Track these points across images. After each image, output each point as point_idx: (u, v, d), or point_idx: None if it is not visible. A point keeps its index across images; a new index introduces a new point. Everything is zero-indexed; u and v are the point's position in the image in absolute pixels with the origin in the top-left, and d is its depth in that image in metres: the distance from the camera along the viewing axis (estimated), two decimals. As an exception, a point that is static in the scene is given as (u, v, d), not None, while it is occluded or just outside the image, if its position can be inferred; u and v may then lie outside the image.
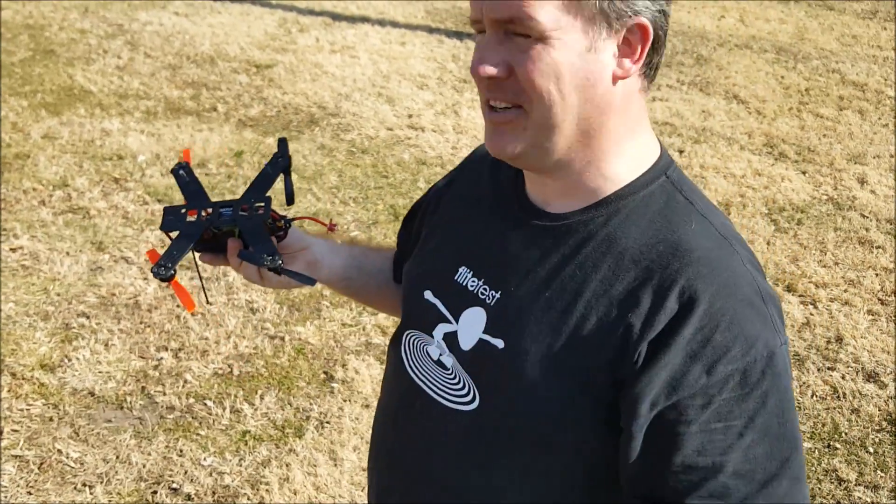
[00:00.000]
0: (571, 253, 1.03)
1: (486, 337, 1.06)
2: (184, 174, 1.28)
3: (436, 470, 1.12)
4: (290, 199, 1.27)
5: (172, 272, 1.13)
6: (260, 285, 1.27)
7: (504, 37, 0.96)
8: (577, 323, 0.99)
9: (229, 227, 1.20)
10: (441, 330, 1.12)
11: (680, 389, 0.94)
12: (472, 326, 1.08)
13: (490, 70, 0.96)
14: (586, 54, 0.95)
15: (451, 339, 1.10)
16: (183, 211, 1.22)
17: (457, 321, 1.11)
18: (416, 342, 1.16)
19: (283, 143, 1.31)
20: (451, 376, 1.10)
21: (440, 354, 1.11)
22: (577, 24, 0.94)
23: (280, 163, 1.28)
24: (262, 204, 1.22)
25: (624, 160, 1.03)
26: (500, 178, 1.18)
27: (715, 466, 0.94)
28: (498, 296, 1.07)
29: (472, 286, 1.10)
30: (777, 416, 0.96)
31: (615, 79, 0.97)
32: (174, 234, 1.22)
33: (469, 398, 1.08)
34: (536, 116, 0.97)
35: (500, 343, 1.04)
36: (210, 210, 1.21)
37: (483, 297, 1.08)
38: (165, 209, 1.23)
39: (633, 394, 0.95)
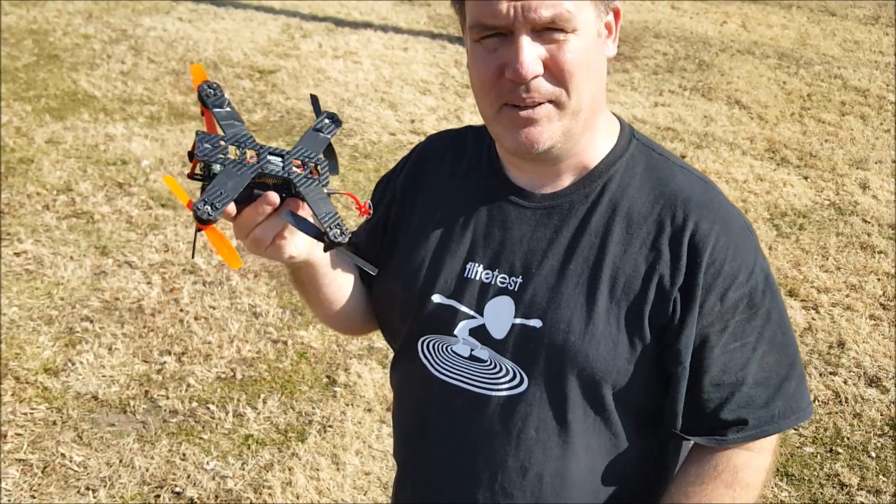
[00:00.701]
0: (581, 224, 1.11)
1: (521, 321, 1.10)
2: (212, 93, 1.03)
3: (508, 457, 1.13)
4: (335, 168, 1.07)
5: (217, 215, 0.93)
6: (281, 261, 1.08)
7: (534, 35, 1.01)
8: (609, 285, 1.08)
9: (288, 180, 0.98)
10: (465, 327, 1.13)
11: (701, 320, 1.06)
12: (500, 315, 1.11)
13: (536, 69, 1.01)
14: (597, 38, 1.06)
15: (480, 333, 1.12)
16: (222, 143, 0.99)
17: (481, 314, 1.12)
18: (437, 346, 1.16)
19: (316, 100, 1.12)
20: (491, 367, 1.12)
21: (472, 350, 1.13)
22: (591, 10, 1.04)
23: (330, 125, 1.08)
24: (322, 163, 1.02)
25: (602, 133, 1.15)
26: (477, 171, 1.22)
27: (738, 380, 1.09)
28: (521, 280, 1.11)
29: (487, 278, 1.13)
30: (780, 327, 1.11)
31: (607, 59, 1.10)
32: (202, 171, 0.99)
33: (516, 382, 1.11)
34: (571, 104, 1.05)
35: (537, 323, 1.09)
36: (256, 153, 0.99)
37: (504, 284, 1.12)
38: (199, 133, 0.99)
39: (679, 339, 1.07)
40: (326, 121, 1.08)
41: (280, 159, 0.99)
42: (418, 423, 1.22)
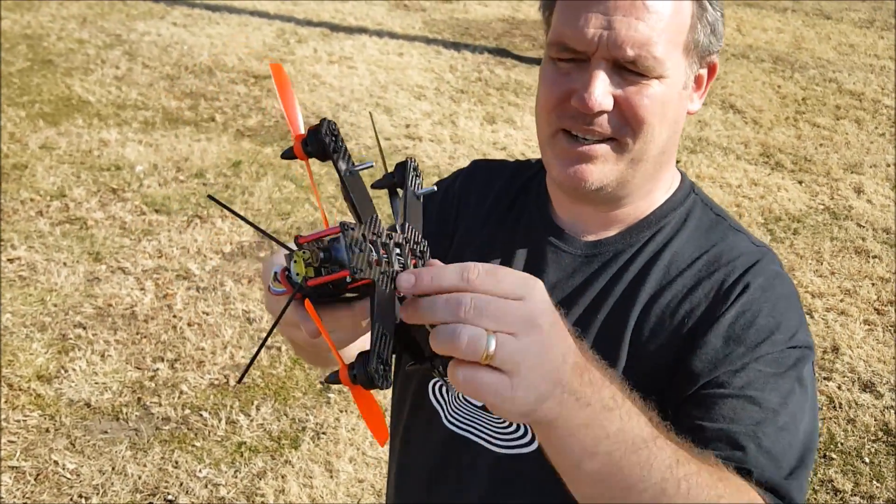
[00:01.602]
0: (618, 273, 1.05)
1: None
2: (334, 140, 0.75)
3: None
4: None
5: (390, 378, 0.68)
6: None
7: (612, 70, 0.96)
8: (633, 337, 1.01)
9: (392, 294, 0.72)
10: None
11: (720, 365, 0.96)
12: None
13: (605, 104, 0.95)
14: (682, 91, 1.01)
15: None
16: (360, 235, 0.70)
17: None
18: (450, 391, 1.10)
19: (405, 164, 0.87)
20: (501, 420, 1.05)
21: None
22: (681, 60, 0.98)
23: (417, 178, 0.85)
24: (426, 250, 0.79)
25: (662, 185, 1.09)
26: (525, 207, 1.15)
27: (748, 437, 0.93)
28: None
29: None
30: (799, 411, 0.96)
31: (687, 112, 1.04)
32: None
33: (527, 440, 1.05)
34: (633, 151, 0.99)
35: None
36: (385, 243, 0.73)
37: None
38: (344, 229, 0.69)
39: (684, 375, 0.98)
40: (413, 174, 0.85)
41: (400, 256, 0.75)
42: (426, 472, 1.15)
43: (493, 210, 1.17)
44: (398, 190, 0.84)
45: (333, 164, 0.75)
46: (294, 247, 0.72)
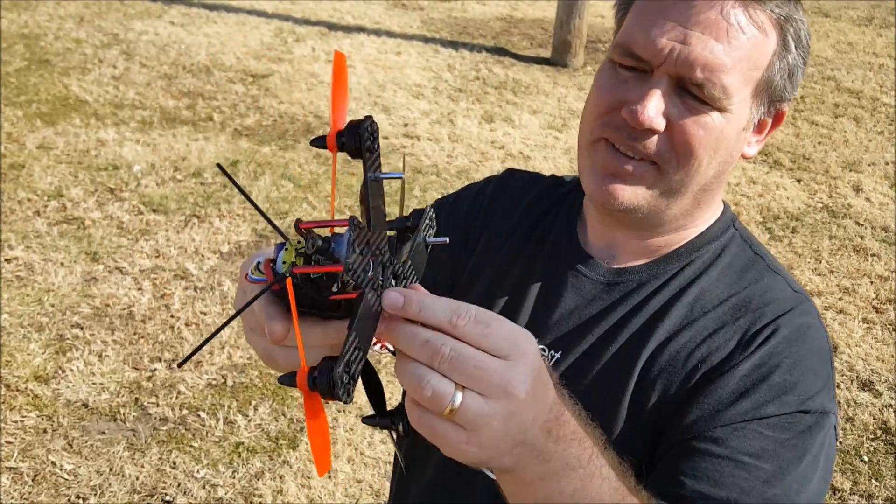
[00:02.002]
0: (640, 303, 0.99)
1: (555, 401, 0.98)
2: (373, 140, 0.72)
3: None
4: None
5: (352, 393, 0.63)
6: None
7: (674, 89, 0.89)
8: (641, 372, 0.95)
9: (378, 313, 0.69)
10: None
11: (719, 418, 0.89)
12: None
13: (657, 124, 0.89)
14: (742, 132, 0.94)
15: None
16: (365, 239, 0.67)
17: None
18: None
19: (421, 214, 0.81)
20: None
21: None
22: (751, 99, 0.92)
23: (429, 237, 0.79)
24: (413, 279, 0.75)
25: (702, 217, 1.02)
26: (553, 225, 1.10)
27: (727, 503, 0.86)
28: (557, 356, 1.00)
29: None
30: (799, 484, 0.88)
31: (742, 156, 0.97)
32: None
33: None
34: (673, 180, 0.93)
35: None
36: (384, 263, 0.69)
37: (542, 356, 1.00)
38: (354, 220, 0.66)
39: (681, 420, 0.92)
40: (428, 223, 0.79)
41: (394, 281, 0.71)
42: (426, 482, 1.12)
43: (520, 224, 1.12)
44: (409, 235, 0.78)
45: (363, 162, 0.71)
46: (289, 238, 0.68)
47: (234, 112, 5.47)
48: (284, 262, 0.66)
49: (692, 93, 0.89)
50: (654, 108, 0.88)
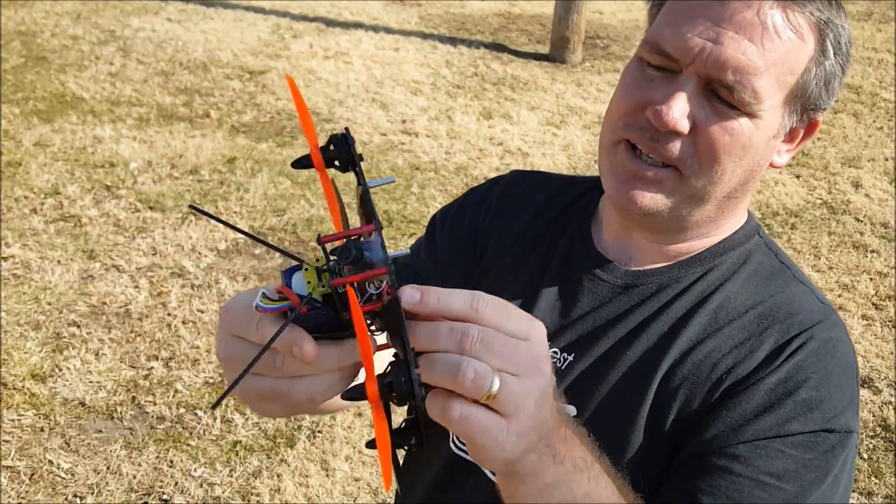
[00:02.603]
0: (661, 308, 0.96)
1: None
2: (350, 152, 0.67)
3: None
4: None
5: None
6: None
7: (702, 90, 0.86)
8: (662, 381, 0.91)
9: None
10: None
11: (741, 434, 0.86)
12: None
13: (681, 126, 0.85)
14: (772, 139, 0.90)
15: None
16: (380, 255, 0.63)
17: None
18: None
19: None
20: None
21: None
22: (783, 106, 0.88)
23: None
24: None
25: (725, 224, 0.99)
26: (565, 228, 1.06)
27: None
28: (571, 359, 0.97)
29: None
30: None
31: (771, 164, 0.94)
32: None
33: None
34: (695, 186, 0.89)
35: (572, 410, 0.94)
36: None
37: (553, 360, 0.96)
38: (380, 224, 0.64)
39: (701, 432, 0.89)
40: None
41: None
42: (428, 484, 1.09)
43: (530, 228, 1.09)
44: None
45: (358, 171, 0.68)
46: (301, 259, 0.65)
47: (231, 109, 5.45)
48: (309, 282, 0.62)
49: (721, 96, 0.85)
50: (679, 110, 0.85)
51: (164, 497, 2.62)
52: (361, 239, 0.65)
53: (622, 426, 0.92)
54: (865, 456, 2.93)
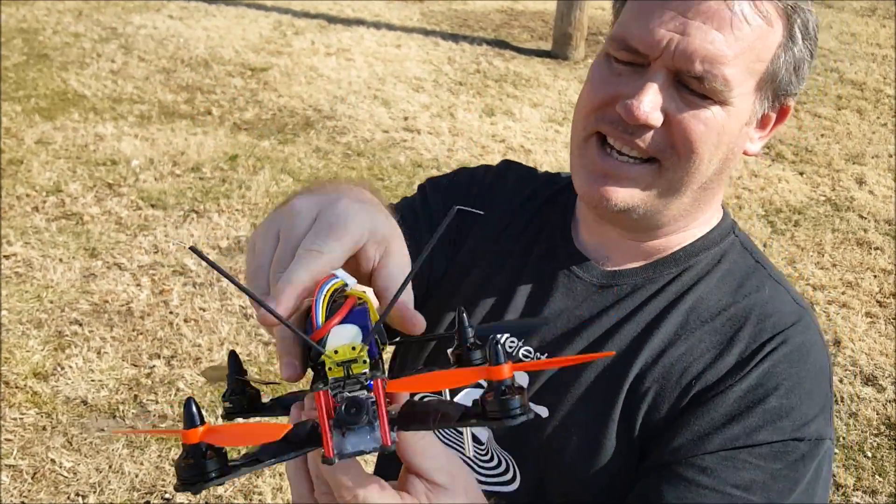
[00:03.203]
0: (635, 310, 0.95)
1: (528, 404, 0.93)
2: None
3: None
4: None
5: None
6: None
7: (672, 82, 0.85)
8: (631, 385, 0.91)
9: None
10: (468, 395, 0.95)
11: (709, 443, 0.85)
12: None
13: (653, 119, 0.85)
14: (744, 127, 0.90)
15: None
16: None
17: None
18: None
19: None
20: (485, 453, 0.96)
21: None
22: (753, 92, 0.87)
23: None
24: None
25: (700, 220, 0.99)
26: (545, 223, 1.06)
27: None
28: (544, 359, 0.96)
29: (510, 346, 0.98)
30: None
31: (744, 152, 0.93)
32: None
33: (508, 477, 0.95)
34: (673, 177, 0.89)
35: (543, 411, 0.93)
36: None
37: (526, 358, 0.97)
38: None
39: (669, 440, 0.88)
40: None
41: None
42: None
43: (512, 223, 1.08)
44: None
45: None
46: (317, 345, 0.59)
47: (232, 106, 5.45)
48: (364, 374, 0.58)
49: (691, 87, 0.85)
50: (649, 103, 0.84)
51: (167, 496, 2.62)
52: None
53: (595, 428, 0.91)
54: (869, 454, 2.92)
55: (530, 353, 0.98)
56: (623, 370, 0.91)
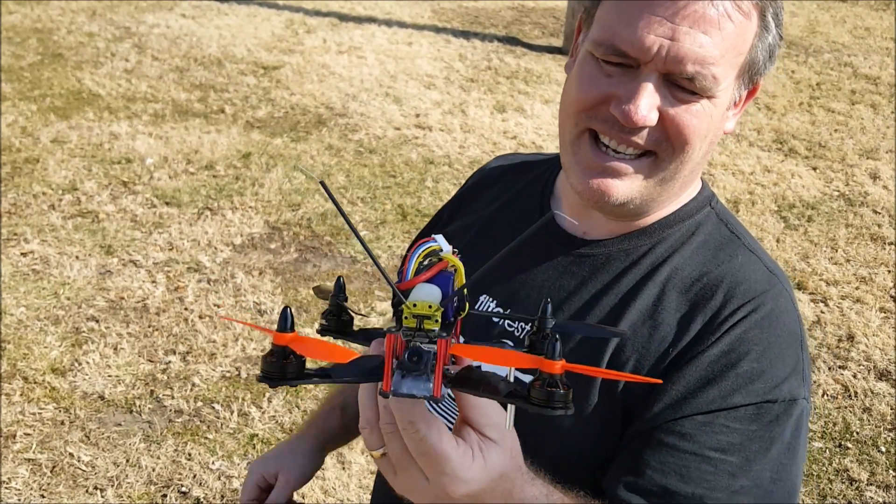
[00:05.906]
0: (611, 282, 0.98)
1: (515, 373, 0.94)
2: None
3: None
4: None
5: None
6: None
7: (662, 82, 0.88)
8: (611, 357, 0.94)
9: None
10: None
11: (686, 407, 0.89)
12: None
13: (650, 120, 0.88)
14: (726, 111, 0.94)
15: None
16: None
17: None
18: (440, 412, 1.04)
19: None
20: None
21: None
22: (734, 81, 0.92)
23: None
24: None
25: (683, 196, 1.02)
26: (524, 199, 1.10)
27: (694, 499, 0.87)
28: (528, 328, 0.99)
29: (496, 318, 1.03)
30: (772, 471, 0.89)
31: (724, 132, 0.98)
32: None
33: None
34: (668, 167, 0.93)
35: (528, 379, 0.94)
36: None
37: (511, 329, 1.01)
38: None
39: (648, 406, 0.91)
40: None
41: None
42: None
43: (495, 202, 1.14)
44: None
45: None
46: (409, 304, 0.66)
47: (245, 104, 5.48)
48: (435, 322, 0.65)
49: (681, 85, 0.88)
50: (646, 107, 0.87)
51: (183, 489, 2.65)
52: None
53: (578, 396, 0.93)
54: (883, 449, 2.91)
55: (514, 323, 1.02)
56: (603, 342, 0.95)
